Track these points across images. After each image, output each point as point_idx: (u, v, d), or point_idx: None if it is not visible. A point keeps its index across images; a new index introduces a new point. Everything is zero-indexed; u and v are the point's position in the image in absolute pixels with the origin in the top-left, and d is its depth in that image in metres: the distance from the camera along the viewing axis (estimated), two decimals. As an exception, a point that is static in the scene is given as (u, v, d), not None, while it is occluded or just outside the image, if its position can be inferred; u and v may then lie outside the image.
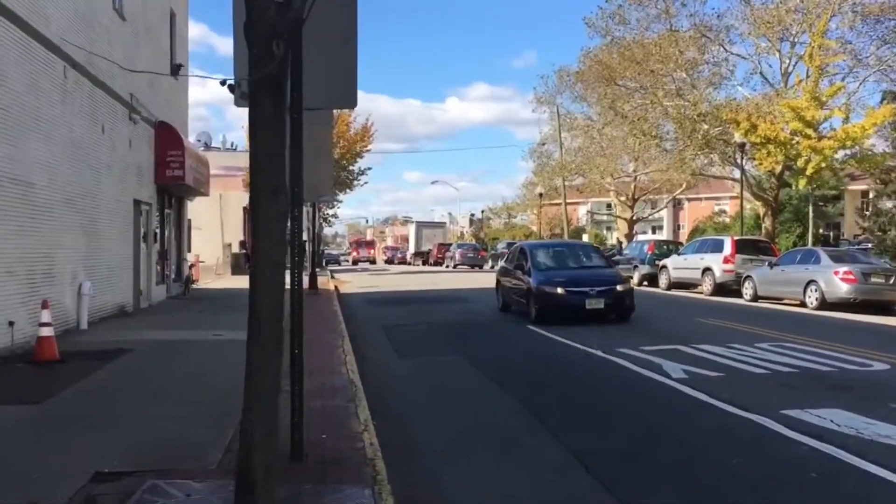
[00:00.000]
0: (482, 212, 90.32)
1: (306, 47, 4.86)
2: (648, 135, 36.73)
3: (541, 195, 54.40)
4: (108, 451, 5.67)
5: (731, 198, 50.27)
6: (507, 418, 7.68)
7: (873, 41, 33.09)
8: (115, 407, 7.49)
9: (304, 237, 41.33)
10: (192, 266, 25.50)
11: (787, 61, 34.28)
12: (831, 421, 7.08)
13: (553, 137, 50.52)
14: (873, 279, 19.42)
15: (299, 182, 4.97)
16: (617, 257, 33.65)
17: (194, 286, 24.56)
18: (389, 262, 75.59)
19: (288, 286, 4.64)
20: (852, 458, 5.97)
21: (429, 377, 10.16)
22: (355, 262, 75.22)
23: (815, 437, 6.51)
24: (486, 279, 34.40)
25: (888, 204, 37.10)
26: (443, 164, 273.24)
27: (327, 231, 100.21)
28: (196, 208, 27.51)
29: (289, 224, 4.57)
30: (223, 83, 4.56)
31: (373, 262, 77.36)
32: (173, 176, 19.32)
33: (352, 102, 5.53)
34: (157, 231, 19.87)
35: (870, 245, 34.74)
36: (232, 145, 53.62)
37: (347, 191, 51.38)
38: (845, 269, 19.52)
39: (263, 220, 3.71)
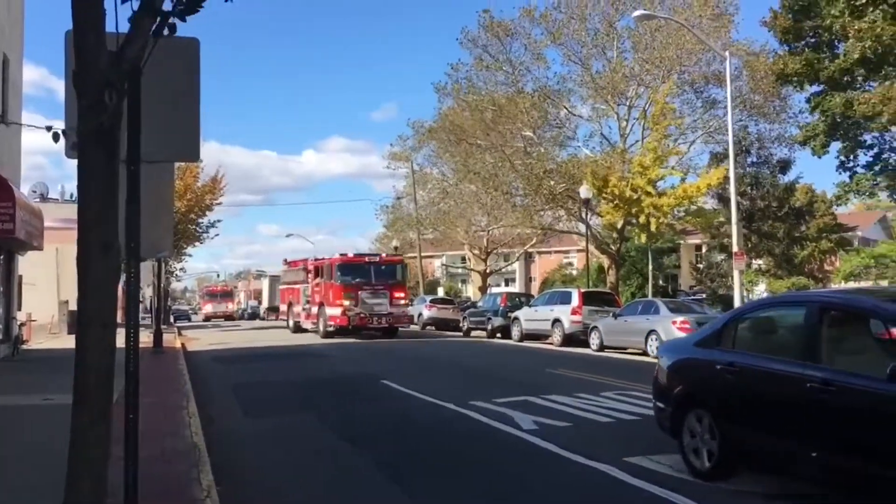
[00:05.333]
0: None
1: (145, 98, 4.68)
2: (499, 191, 37.92)
3: (396, 248, 54.67)
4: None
5: (578, 251, 52.42)
6: (359, 478, 7.52)
7: (696, 107, 36.14)
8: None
9: (150, 293, 39.16)
10: (22, 325, 23.71)
11: (625, 123, 36.50)
12: (670, 466, 7.40)
13: (408, 192, 51.19)
14: (707, 328, 20.63)
15: (136, 238, 4.73)
16: (471, 310, 34.44)
17: (25, 347, 22.83)
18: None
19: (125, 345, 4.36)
20: (690, 502, 6.25)
21: (278, 438, 9.82)
22: (207, 318, 65.67)
23: (656, 484, 6.77)
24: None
25: (718, 257, 39.87)
26: (300, 217, 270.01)
27: (176, 286, 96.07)
28: (29, 263, 25.71)
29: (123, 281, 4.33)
30: (49, 129, 4.30)
31: (231, 317, 67.25)
32: (2, 230, 18.02)
33: (194, 156, 5.36)
34: (-17, 288, 18.36)
35: (704, 295, 37.10)
36: (71, 196, 50.74)
37: (197, 244, 49.70)
38: (682, 318, 20.68)
39: (93, 277, 3.50)
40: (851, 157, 25.90)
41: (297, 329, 34.58)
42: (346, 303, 29.37)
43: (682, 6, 33.81)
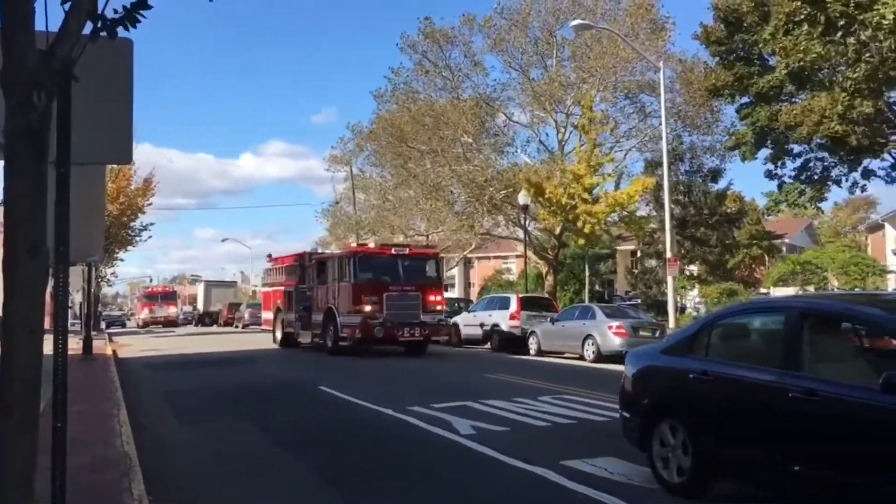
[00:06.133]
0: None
1: (76, 98, 4.56)
2: (439, 197, 38.03)
3: (336, 253, 54.19)
4: None
5: (517, 256, 52.85)
6: (296, 485, 7.44)
7: (630, 116, 36.97)
8: None
9: (79, 298, 37.82)
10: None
11: (563, 130, 37.02)
12: (606, 470, 7.52)
13: (348, 196, 50.93)
14: (641, 333, 21.06)
15: (65, 241, 4.60)
16: None
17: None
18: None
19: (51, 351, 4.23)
20: (624, 504, 6.35)
21: (213, 446, 9.65)
22: (145, 325, 58.46)
23: (592, 487, 6.87)
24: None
25: (653, 263, 40.69)
26: (237, 221, 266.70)
27: (107, 291, 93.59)
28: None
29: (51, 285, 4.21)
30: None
31: (174, 322, 60.18)
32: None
33: (126, 158, 5.24)
34: None
35: (639, 301, 37.82)
36: (-2, 199, 49.07)
37: (129, 248, 48.52)
38: (617, 323, 21.06)
39: (21, 280, 3.39)
40: (779, 164, 26.76)
41: (288, 342, 27.29)
42: (368, 308, 22.09)
43: (620, 17, 34.48)
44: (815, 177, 25.92)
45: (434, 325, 23.10)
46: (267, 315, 30.78)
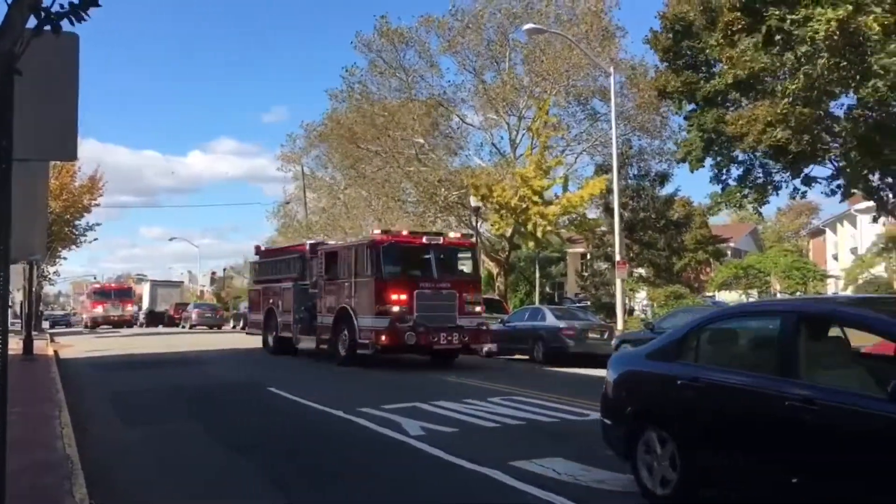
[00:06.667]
0: (224, 270, 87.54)
1: (19, 93, 4.46)
2: (390, 197, 38.01)
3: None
4: None
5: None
6: (241, 487, 7.37)
7: (581, 120, 37.45)
8: None
9: (20, 297, 36.74)
10: None
11: (515, 133, 37.32)
12: (553, 470, 7.59)
13: (298, 196, 50.56)
14: (590, 335, 21.32)
15: (6, 239, 4.50)
16: None
17: None
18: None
19: None
20: None
21: (160, 448, 9.50)
22: (95, 326, 53.77)
23: (539, 486, 6.94)
24: (225, 340, 33.26)
25: (602, 265, 41.19)
26: (185, 219, 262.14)
27: (49, 290, 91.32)
28: None
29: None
30: None
31: (130, 323, 56.27)
32: None
33: (71, 155, 5.14)
34: None
35: (588, 303, 38.25)
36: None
37: (73, 247, 47.41)
38: (567, 325, 21.27)
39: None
40: (724, 171, 27.36)
41: (283, 348, 23.47)
42: (396, 309, 18.46)
43: (572, 22, 34.89)
44: (758, 182, 26.57)
45: (473, 330, 19.33)
46: (256, 317, 26.66)
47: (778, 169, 25.64)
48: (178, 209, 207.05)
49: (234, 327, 51.27)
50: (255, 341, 25.62)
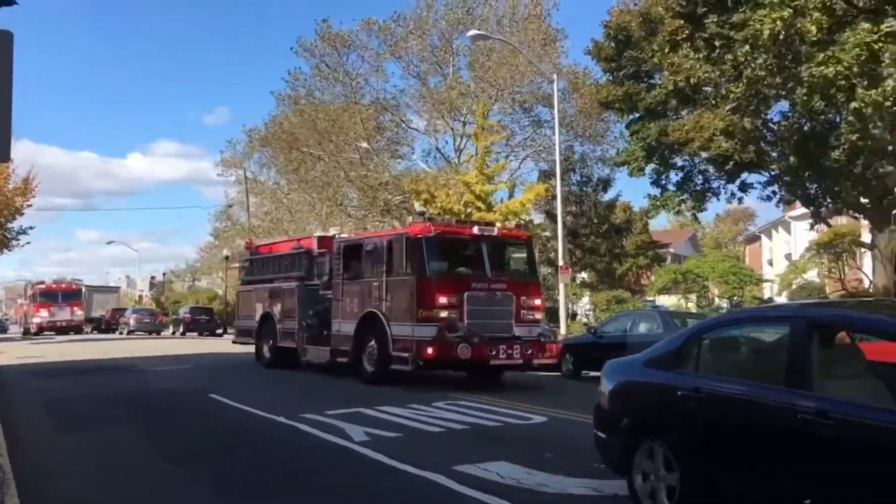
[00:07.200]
0: (164, 275, 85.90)
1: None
2: (332, 201, 37.86)
3: (226, 258, 53.19)
4: None
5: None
6: (181, 497, 7.25)
7: (525, 126, 37.88)
8: None
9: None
10: None
11: (459, 139, 37.48)
12: (497, 474, 7.64)
13: (241, 200, 49.95)
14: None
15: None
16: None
17: None
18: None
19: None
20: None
21: (97, 457, 9.25)
22: (40, 331, 50.25)
23: (482, 491, 6.97)
24: (164, 346, 32.64)
25: (546, 271, 41.58)
26: (124, 223, 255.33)
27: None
28: None
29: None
30: None
31: (79, 329, 52.89)
32: None
33: (4, 156, 5.01)
34: None
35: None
36: None
37: (5, 251, 45.96)
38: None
39: None
40: (664, 177, 27.95)
41: (282, 361, 20.06)
42: (445, 314, 15.03)
43: (516, 29, 35.23)
44: (697, 188, 27.23)
45: (534, 341, 15.75)
46: (246, 323, 22.87)
47: (717, 176, 26.31)
48: (116, 212, 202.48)
49: (173, 333, 50.43)
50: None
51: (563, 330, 25.46)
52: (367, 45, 36.58)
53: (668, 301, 36.01)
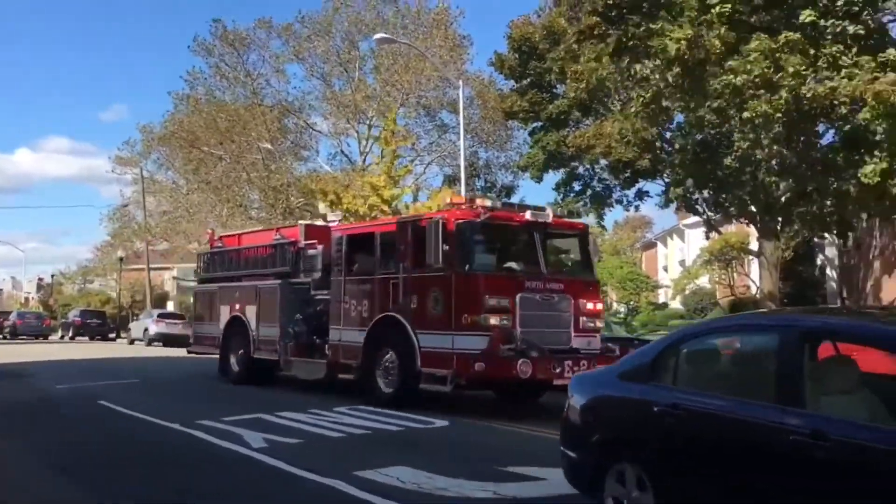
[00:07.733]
0: (52, 276, 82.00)
1: None
2: (233, 202, 37.11)
3: (121, 259, 51.34)
4: None
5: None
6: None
7: (430, 130, 38.13)
8: None
9: None
10: None
11: (364, 142, 37.33)
12: (398, 479, 7.59)
13: (137, 199, 48.31)
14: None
15: None
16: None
17: None
18: None
19: None
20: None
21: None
22: None
23: (383, 496, 6.92)
24: (52, 351, 31.15)
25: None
26: (9, 222, 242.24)
27: None
28: None
29: None
30: None
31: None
32: None
33: None
34: None
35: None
36: None
37: None
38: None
39: None
40: (567, 187, 28.68)
41: (254, 376, 16.76)
42: (496, 321, 11.88)
43: (422, 34, 35.35)
44: (597, 194, 28.04)
45: (600, 355, 12.40)
46: (207, 329, 18.93)
47: (616, 183, 27.12)
48: (1, 210, 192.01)
49: (62, 337, 48.36)
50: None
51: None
52: (267, 44, 36.08)
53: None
